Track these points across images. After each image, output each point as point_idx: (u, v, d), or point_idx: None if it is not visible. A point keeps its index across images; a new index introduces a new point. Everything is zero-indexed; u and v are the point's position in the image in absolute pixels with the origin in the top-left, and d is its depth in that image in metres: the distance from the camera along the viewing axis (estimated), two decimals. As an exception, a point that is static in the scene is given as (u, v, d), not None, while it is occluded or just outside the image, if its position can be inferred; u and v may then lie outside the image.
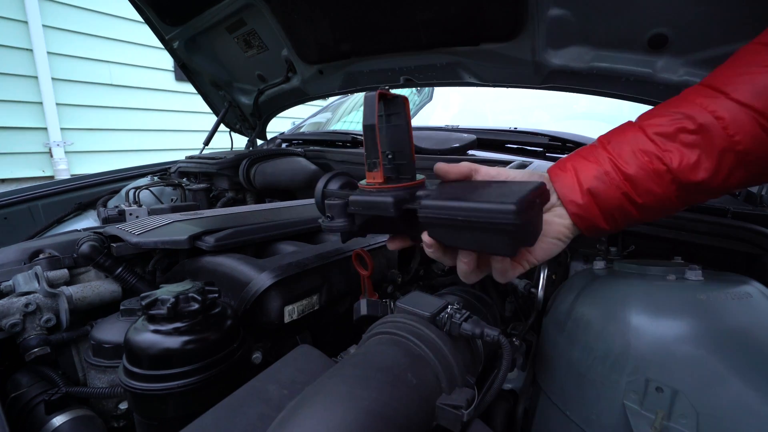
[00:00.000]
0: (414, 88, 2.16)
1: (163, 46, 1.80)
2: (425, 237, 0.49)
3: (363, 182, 0.54)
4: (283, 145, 2.08)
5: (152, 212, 1.36)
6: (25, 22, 3.60)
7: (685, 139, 0.47)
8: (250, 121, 2.11)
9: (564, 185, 0.52)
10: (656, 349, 0.53)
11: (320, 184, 0.60)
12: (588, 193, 0.50)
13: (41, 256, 0.88)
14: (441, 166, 0.53)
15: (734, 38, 0.76)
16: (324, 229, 0.57)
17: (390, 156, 0.54)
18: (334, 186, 0.60)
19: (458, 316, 0.55)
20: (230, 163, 1.63)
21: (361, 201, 0.52)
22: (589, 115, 1.67)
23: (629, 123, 0.53)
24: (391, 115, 0.53)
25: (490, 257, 0.50)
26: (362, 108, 0.50)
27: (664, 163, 0.47)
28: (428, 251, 0.50)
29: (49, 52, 3.75)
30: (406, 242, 0.58)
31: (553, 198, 0.53)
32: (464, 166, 0.54)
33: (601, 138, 0.54)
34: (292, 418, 0.41)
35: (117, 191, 1.75)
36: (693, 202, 0.51)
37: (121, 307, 0.74)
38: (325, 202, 0.57)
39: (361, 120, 0.50)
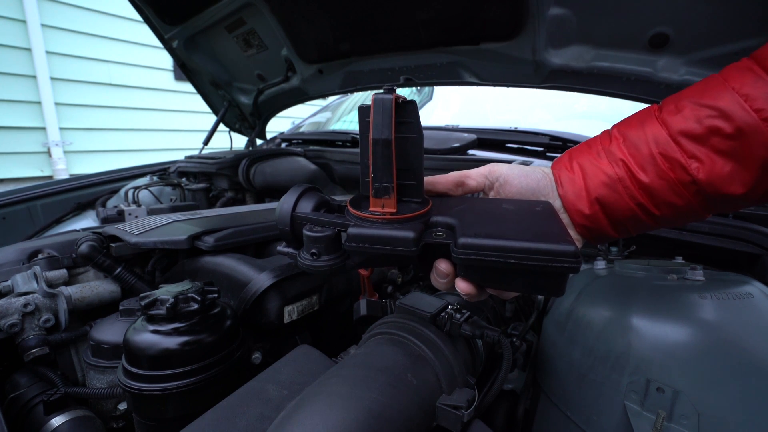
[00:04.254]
0: (414, 88, 2.16)
1: (162, 46, 1.79)
2: (463, 284, 0.40)
3: (358, 209, 0.43)
4: (283, 145, 2.08)
5: (151, 212, 1.36)
6: (24, 21, 3.59)
7: (718, 145, 0.38)
8: (250, 121, 2.11)
9: (569, 191, 0.46)
10: (657, 350, 0.53)
11: (285, 206, 0.45)
12: (596, 202, 0.44)
13: (40, 256, 0.88)
14: (427, 179, 0.48)
15: (736, 37, 0.76)
16: (303, 269, 0.43)
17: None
18: (305, 208, 0.45)
19: (458, 316, 0.55)
20: (230, 162, 1.63)
21: (368, 236, 0.40)
22: (589, 115, 1.67)
23: (650, 111, 0.44)
24: (401, 124, 0.42)
25: None
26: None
27: (689, 173, 0.39)
28: (464, 296, 0.42)
29: (47, 52, 3.75)
30: None
31: (557, 204, 0.46)
32: (453, 177, 0.49)
33: (617, 128, 0.46)
34: (291, 418, 0.40)
35: (116, 191, 1.75)
36: (722, 211, 0.44)
37: (120, 308, 0.73)
38: (305, 233, 0.42)
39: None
